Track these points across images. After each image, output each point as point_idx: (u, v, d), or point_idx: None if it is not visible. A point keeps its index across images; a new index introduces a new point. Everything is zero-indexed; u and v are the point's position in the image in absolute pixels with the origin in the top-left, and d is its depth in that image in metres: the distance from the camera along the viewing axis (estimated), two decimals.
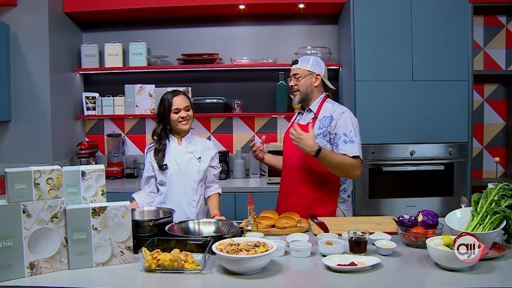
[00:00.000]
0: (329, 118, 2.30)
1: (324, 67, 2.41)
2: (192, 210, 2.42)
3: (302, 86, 2.35)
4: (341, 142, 2.26)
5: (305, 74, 2.35)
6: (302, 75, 2.35)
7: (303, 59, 2.40)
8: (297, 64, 2.37)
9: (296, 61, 2.40)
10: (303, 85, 2.35)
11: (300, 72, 2.35)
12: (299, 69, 2.36)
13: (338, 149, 2.26)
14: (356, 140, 2.26)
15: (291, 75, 2.39)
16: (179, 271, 1.52)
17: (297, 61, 2.39)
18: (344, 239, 1.78)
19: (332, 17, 3.83)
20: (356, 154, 2.23)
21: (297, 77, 2.36)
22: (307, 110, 2.41)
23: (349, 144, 2.25)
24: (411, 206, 3.26)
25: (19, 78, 3.38)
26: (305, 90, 2.36)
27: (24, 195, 1.51)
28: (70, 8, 3.60)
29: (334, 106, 2.36)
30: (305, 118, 2.41)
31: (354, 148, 2.24)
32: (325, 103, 2.38)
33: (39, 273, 1.53)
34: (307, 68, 2.35)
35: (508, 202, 1.68)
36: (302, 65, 2.36)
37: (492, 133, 3.83)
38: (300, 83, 2.35)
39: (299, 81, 2.35)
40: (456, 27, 3.26)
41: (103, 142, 4.00)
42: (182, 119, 2.40)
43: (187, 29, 3.94)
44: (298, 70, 2.36)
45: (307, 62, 2.36)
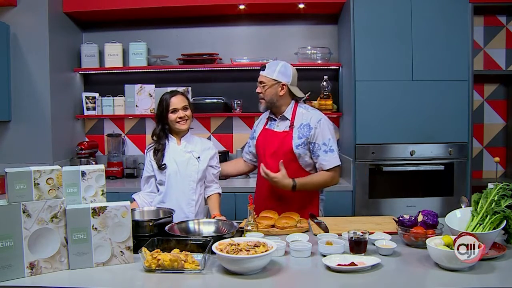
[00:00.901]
0: (307, 126, 2.30)
1: (291, 74, 2.35)
2: (191, 209, 2.42)
3: (267, 96, 2.35)
4: (322, 152, 2.28)
5: (271, 83, 2.33)
6: (267, 84, 2.33)
7: (271, 65, 2.35)
8: (264, 71, 2.34)
9: (264, 66, 2.36)
10: (268, 94, 2.34)
11: (265, 81, 2.34)
12: (265, 77, 2.34)
13: (319, 159, 2.29)
14: (335, 147, 2.31)
15: (258, 81, 2.37)
16: (179, 271, 1.52)
17: (265, 67, 2.35)
18: (344, 239, 1.78)
19: (332, 17, 3.83)
20: (337, 163, 2.30)
21: (262, 85, 2.34)
22: (281, 117, 2.39)
23: (329, 153, 2.28)
24: (411, 206, 3.25)
25: (19, 78, 3.38)
26: (270, 99, 2.35)
27: (24, 195, 1.51)
28: (70, 8, 3.60)
29: (309, 112, 2.36)
30: (280, 125, 2.40)
31: (334, 157, 2.29)
32: (298, 109, 2.37)
33: (39, 273, 1.53)
34: (273, 76, 2.32)
35: (508, 202, 1.68)
36: (268, 73, 2.33)
37: (492, 133, 3.83)
38: (265, 92, 2.34)
39: (264, 89, 2.34)
40: (456, 27, 3.26)
41: (103, 142, 4.00)
42: (180, 119, 2.40)
43: (187, 29, 3.94)
44: (264, 79, 2.35)
45: (273, 70, 2.33)
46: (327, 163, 2.28)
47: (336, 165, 2.29)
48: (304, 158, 2.32)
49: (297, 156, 2.30)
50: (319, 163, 2.30)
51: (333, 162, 2.28)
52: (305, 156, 2.31)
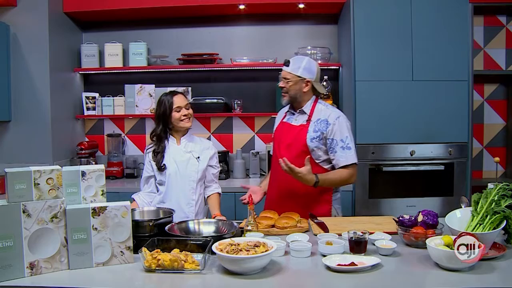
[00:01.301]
0: (324, 122, 2.31)
1: (316, 70, 2.36)
2: (191, 209, 2.42)
3: (291, 91, 2.35)
4: (339, 148, 2.29)
5: (295, 79, 2.33)
6: (291, 80, 2.33)
7: (295, 61, 2.35)
8: (288, 67, 2.33)
9: (288, 62, 2.35)
10: (292, 90, 2.34)
11: (289, 77, 2.33)
12: (289, 74, 2.33)
13: (336, 155, 2.29)
14: (352, 145, 2.30)
15: (281, 76, 2.37)
16: (179, 271, 1.52)
17: (289, 63, 2.34)
18: (344, 239, 1.78)
19: (332, 17, 3.83)
20: (354, 161, 2.29)
21: (286, 81, 2.34)
22: (300, 111, 2.40)
23: (346, 151, 2.29)
24: (411, 206, 3.25)
25: (19, 78, 3.38)
26: (294, 95, 2.35)
27: (24, 195, 1.51)
28: (70, 8, 3.60)
29: (328, 109, 2.37)
30: (298, 119, 2.41)
31: (351, 155, 2.29)
32: (317, 105, 2.38)
33: (39, 273, 1.53)
34: (297, 73, 2.32)
35: (508, 202, 1.68)
36: (293, 69, 2.32)
37: (492, 133, 3.83)
38: (289, 87, 2.34)
39: (288, 85, 2.34)
40: (456, 27, 3.26)
41: (103, 142, 4.00)
42: (184, 117, 2.41)
43: (187, 29, 3.93)
44: (288, 75, 2.34)
45: (298, 66, 2.32)
46: (344, 159, 2.28)
47: (353, 162, 2.29)
48: (317, 152, 2.31)
49: (310, 149, 2.30)
50: (336, 159, 2.30)
51: (350, 159, 2.28)
52: (318, 151, 2.31)
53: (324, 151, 2.32)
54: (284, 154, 2.33)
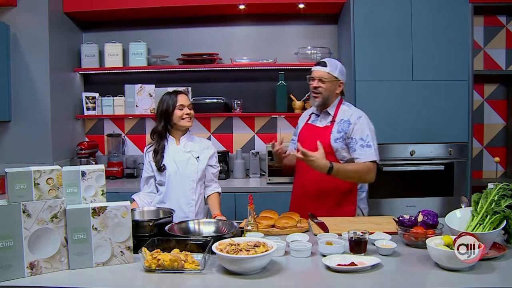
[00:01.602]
0: (347, 122, 2.33)
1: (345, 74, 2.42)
2: (191, 209, 2.43)
3: (326, 91, 2.34)
4: (358, 146, 2.30)
5: (332, 79, 2.33)
6: (328, 80, 2.32)
7: (331, 62, 2.36)
8: (326, 67, 2.33)
9: (324, 63, 2.34)
10: (327, 89, 2.34)
11: (327, 77, 2.32)
12: (327, 74, 2.32)
13: (355, 153, 2.30)
14: (373, 144, 2.31)
15: (315, 76, 2.35)
16: (179, 271, 1.52)
17: (325, 64, 2.33)
18: (344, 239, 1.78)
19: (332, 17, 3.83)
20: (373, 159, 2.29)
21: (323, 80, 2.32)
22: (324, 113, 2.41)
23: (366, 148, 2.30)
24: (411, 206, 3.25)
25: (19, 78, 3.38)
26: (328, 95, 2.35)
27: (24, 195, 1.51)
28: (70, 8, 3.60)
29: (351, 109, 2.39)
30: (322, 121, 2.42)
31: (371, 152, 2.29)
32: (341, 106, 2.40)
33: (39, 273, 1.53)
34: (335, 74, 2.33)
35: (508, 202, 1.68)
36: (331, 70, 2.32)
37: (492, 133, 3.83)
38: (324, 87, 2.33)
39: (324, 84, 2.33)
40: (456, 27, 3.26)
41: (103, 142, 4.00)
42: (186, 116, 2.42)
43: (187, 29, 3.94)
44: (325, 74, 2.33)
45: (335, 67, 2.34)
46: (362, 156, 2.29)
47: (372, 160, 2.29)
48: (342, 153, 2.33)
49: (334, 150, 2.32)
50: (355, 157, 2.31)
51: (369, 157, 2.29)
52: (342, 151, 2.33)
53: (348, 151, 2.34)
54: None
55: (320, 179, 2.30)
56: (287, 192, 3.28)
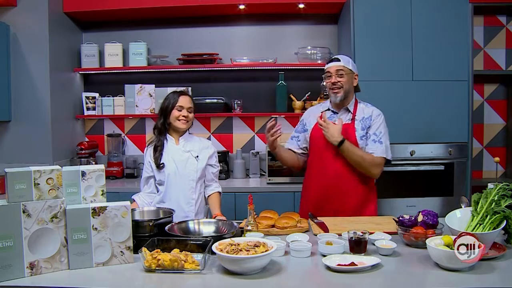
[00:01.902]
0: (369, 119, 2.37)
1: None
2: (191, 208, 2.43)
3: (346, 84, 2.35)
4: (370, 141, 2.33)
5: (348, 72, 2.36)
6: (346, 73, 2.35)
7: (344, 58, 2.40)
8: (340, 62, 2.36)
9: (337, 58, 2.38)
10: (347, 82, 2.35)
11: (345, 70, 2.35)
12: (344, 67, 2.35)
13: (367, 148, 2.32)
14: (385, 141, 2.34)
15: (332, 72, 2.35)
16: (179, 271, 1.52)
17: (339, 59, 2.37)
18: (344, 239, 1.78)
19: (332, 17, 3.83)
20: (382, 155, 2.32)
21: (341, 73, 2.34)
22: (344, 109, 2.42)
23: (377, 143, 2.32)
24: (411, 206, 3.25)
25: (19, 78, 3.38)
26: (348, 88, 2.37)
27: (24, 195, 1.51)
28: (70, 8, 3.60)
29: (369, 107, 2.43)
30: (342, 118, 2.40)
31: (381, 149, 2.32)
32: (359, 104, 2.43)
33: (39, 273, 1.53)
34: (349, 67, 2.37)
35: (508, 202, 1.68)
36: (345, 63, 2.36)
37: (492, 133, 3.83)
38: (344, 80, 2.34)
39: (343, 78, 2.34)
40: (456, 27, 3.26)
41: (103, 142, 4.00)
42: (183, 118, 2.41)
43: (187, 29, 3.93)
44: (342, 67, 2.35)
45: (348, 61, 2.39)
46: (372, 152, 2.31)
47: (381, 156, 2.31)
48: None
49: (361, 147, 2.33)
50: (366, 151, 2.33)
51: (378, 152, 2.31)
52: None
53: None
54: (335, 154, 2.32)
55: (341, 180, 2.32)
56: (287, 192, 3.30)
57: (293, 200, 3.27)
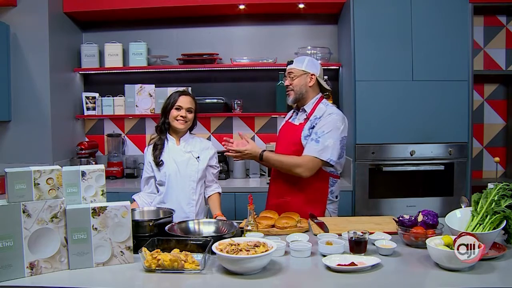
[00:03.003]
0: (318, 119, 2.30)
1: (320, 67, 2.40)
2: (191, 209, 2.43)
3: (296, 86, 2.36)
4: (309, 139, 2.27)
5: (300, 73, 2.36)
6: (296, 75, 2.36)
7: (298, 59, 2.43)
8: (292, 64, 2.40)
9: (291, 61, 2.42)
10: (297, 84, 2.36)
11: (294, 72, 2.36)
12: (294, 69, 2.37)
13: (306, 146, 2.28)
14: (324, 141, 2.22)
15: (286, 74, 2.41)
16: (179, 271, 1.52)
17: (292, 61, 2.41)
18: (344, 239, 1.78)
19: (332, 17, 3.83)
20: (312, 154, 2.21)
21: (291, 76, 2.37)
22: (301, 110, 2.41)
23: (313, 142, 2.24)
24: (411, 206, 3.25)
25: (19, 78, 3.38)
26: (299, 90, 2.36)
27: (24, 195, 1.51)
28: (70, 8, 3.60)
29: (326, 107, 2.34)
30: (299, 118, 2.42)
31: (314, 148, 2.22)
32: (319, 104, 2.37)
33: (39, 273, 1.53)
34: (302, 68, 2.36)
35: (508, 202, 1.68)
36: (297, 65, 2.38)
37: (492, 133, 3.83)
38: (294, 83, 2.36)
39: (293, 80, 2.36)
40: (456, 27, 3.26)
41: (103, 142, 4.00)
42: (181, 118, 2.41)
43: (187, 29, 3.94)
44: (293, 70, 2.37)
45: (302, 62, 2.38)
46: (306, 149, 2.25)
47: (311, 155, 2.21)
48: None
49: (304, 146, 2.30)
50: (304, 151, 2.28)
51: (310, 151, 2.22)
52: None
53: None
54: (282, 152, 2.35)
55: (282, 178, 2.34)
56: None
57: None
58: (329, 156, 2.22)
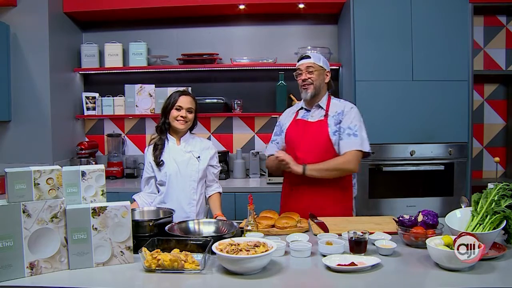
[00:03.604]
0: (341, 114, 2.33)
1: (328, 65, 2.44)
2: (192, 209, 2.43)
3: (316, 80, 2.35)
4: (345, 135, 2.29)
5: (319, 69, 2.36)
6: (316, 69, 2.35)
7: (314, 55, 2.41)
8: (310, 58, 2.37)
9: (308, 56, 2.39)
10: (317, 79, 2.35)
11: (314, 67, 2.35)
12: (314, 64, 2.35)
13: (341, 142, 2.29)
14: (361, 133, 2.30)
15: (303, 69, 2.36)
16: (179, 271, 1.52)
17: (309, 56, 2.38)
18: (344, 239, 1.78)
19: (332, 17, 3.83)
20: (357, 148, 2.27)
21: (311, 70, 2.35)
22: (316, 106, 2.40)
23: (352, 137, 2.28)
24: (411, 206, 3.26)
25: (19, 78, 3.38)
26: (319, 85, 2.36)
27: (24, 195, 1.51)
28: (70, 8, 3.60)
29: (341, 102, 2.41)
30: (314, 115, 2.39)
31: (355, 141, 2.27)
32: (331, 100, 2.41)
33: (39, 273, 1.53)
34: (320, 64, 2.37)
35: (508, 202, 1.68)
36: (315, 60, 2.37)
37: (492, 133, 3.83)
38: (314, 77, 2.34)
39: (313, 74, 2.34)
40: (456, 27, 3.26)
41: (103, 142, 4.00)
42: (181, 118, 2.40)
43: (187, 29, 3.94)
44: (313, 64, 2.35)
45: (319, 58, 2.39)
46: (346, 145, 2.27)
47: (356, 149, 2.26)
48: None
49: (334, 143, 2.30)
50: (341, 146, 2.29)
51: (353, 146, 2.26)
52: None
53: None
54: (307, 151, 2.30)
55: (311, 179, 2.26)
56: None
57: None
58: (368, 147, 2.32)
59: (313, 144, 2.31)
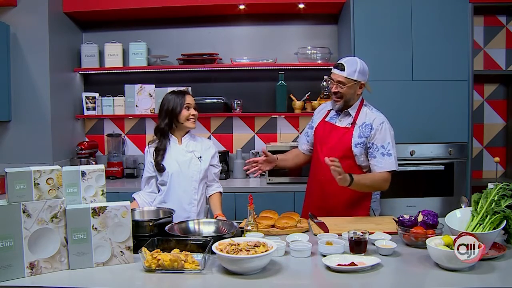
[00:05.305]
0: (369, 126, 2.28)
1: (368, 72, 2.32)
2: (193, 209, 2.43)
3: (346, 94, 2.28)
4: (379, 154, 2.26)
5: (351, 83, 2.26)
6: (347, 84, 2.25)
7: (350, 64, 2.26)
8: (344, 72, 2.24)
9: (343, 66, 2.26)
10: (347, 94, 2.28)
11: (345, 82, 2.25)
12: (345, 78, 2.24)
13: (374, 160, 2.27)
14: (393, 152, 2.27)
15: (334, 80, 2.28)
16: (179, 271, 1.52)
17: (344, 67, 2.25)
18: (344, 239, 1.78)
19: (332, 17, 3.83)
20: (392, 169, 2.26)
21: (341, 85, 2.26)
22: (345, 113, 2.36)
23: (386, 157, 2.26)
24: (411, 206, 3.26)
25: (19, 78, 3.38)
26: (349, 98, 2.30)
27: (24, 195, 1.51)
28: (70, 8, 3.60)
29: (372, 112, 2.33)
30: (342, 121, 2.37)
31: (390, 162, 2.26)
32: (362, 108, 2.35)
33: (39, 273, 1.53)
34: (354, 77, 2.25)
35: (508, 202, 1.68)
36: (349, 73, 2.24)
37: (492, 133, 3.83)
38: (344, 91, 2.27)
39: (343, 89, 2.27)
40: (456, 27, 3.26)
41: (103, 142, 4.00)
42: (192, 117, 2.41)
43: (187, 29, 3.94)
44: (343, 79, 2.25)
45: (354, 70, 2.24)
46: (382, 165, 2.26)
47: (391, 169, 2.26)
48: (360, 157, 2.31)
49: (354, 154, 2.29)
50: (373, 165, 2.28)
51: (387, 166, 2.25)
52: (361, 156, 2.30)
53: (367, 157, 2.31)
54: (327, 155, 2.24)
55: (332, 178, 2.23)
56: (287, 192, 3.31)
57: (293, 200, 3.27)
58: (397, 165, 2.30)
59: (334, 149, 2.30)
